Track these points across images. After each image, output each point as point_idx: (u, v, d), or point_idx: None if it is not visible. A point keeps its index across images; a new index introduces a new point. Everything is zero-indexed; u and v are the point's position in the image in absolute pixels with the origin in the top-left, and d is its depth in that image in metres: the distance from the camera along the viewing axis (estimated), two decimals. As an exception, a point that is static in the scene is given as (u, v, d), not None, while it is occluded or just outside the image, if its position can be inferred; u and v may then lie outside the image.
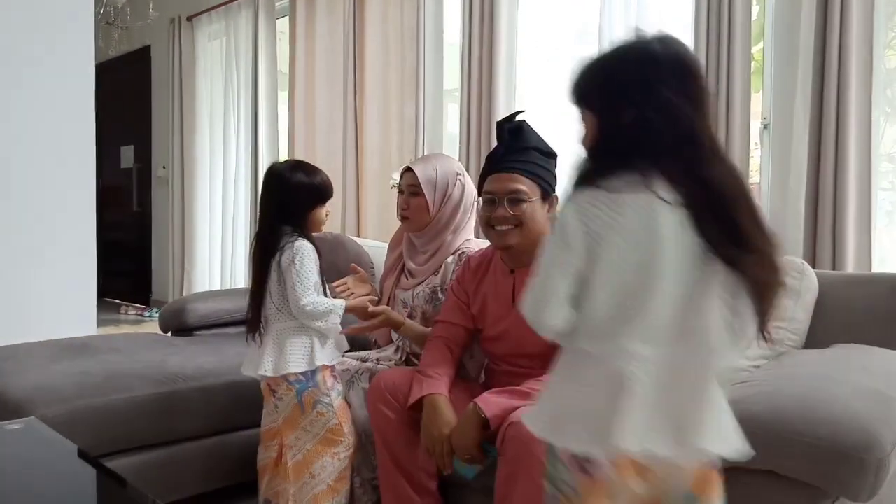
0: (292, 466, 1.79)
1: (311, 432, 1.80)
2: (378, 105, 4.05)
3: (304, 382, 1.78)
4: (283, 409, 1.81)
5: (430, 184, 2.00)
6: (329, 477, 1.79)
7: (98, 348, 2.39)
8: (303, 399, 1.78)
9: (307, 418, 1.79)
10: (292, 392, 1.78)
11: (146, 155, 6.26)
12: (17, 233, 3.23)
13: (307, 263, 1.76)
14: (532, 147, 1.70)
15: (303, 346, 1.78)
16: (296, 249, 1.76)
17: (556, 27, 3.49)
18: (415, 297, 2.04)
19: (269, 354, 1.77)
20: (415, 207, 2.00)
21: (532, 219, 1.68)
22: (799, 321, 1.85)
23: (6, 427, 1.63)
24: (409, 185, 2.02)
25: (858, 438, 1.21)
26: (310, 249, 1.79)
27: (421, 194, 1.99)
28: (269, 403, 1.84)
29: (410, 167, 2.03)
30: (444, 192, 2.01)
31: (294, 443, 1.80)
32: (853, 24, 2.38)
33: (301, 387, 1.78)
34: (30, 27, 3.25)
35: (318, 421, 1.80)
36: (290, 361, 1.75)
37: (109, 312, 5.84)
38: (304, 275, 1.75)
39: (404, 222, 2.05)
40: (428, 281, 2.03)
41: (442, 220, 2.02)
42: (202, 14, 5.47)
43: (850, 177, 2.40)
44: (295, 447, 1.80)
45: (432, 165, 2.04)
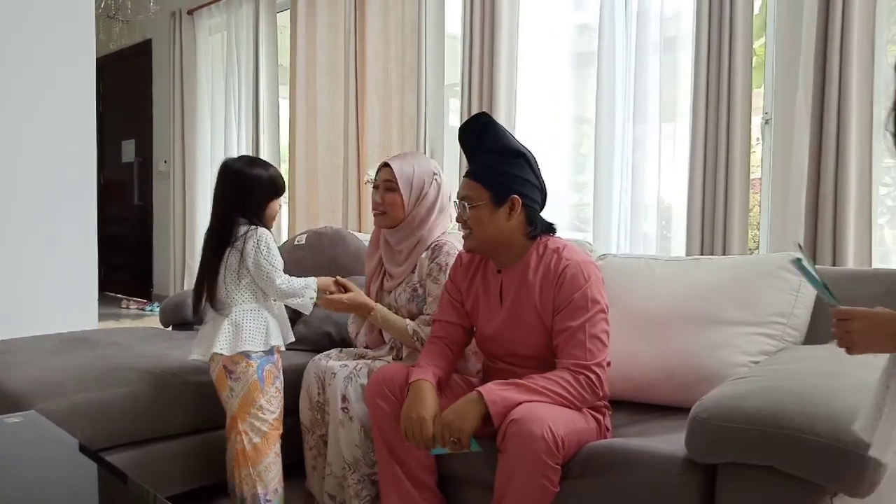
0: (251, 450, 1.87)
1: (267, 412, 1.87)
2: (379, 99, 4.04)
3: (264, 358, 1.88)
4: (239, 391, 1.87)
5: (407, 181, 2.00)
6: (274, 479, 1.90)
7: (98, 342, 2.39)
8: (264, 374, 1.87)
9: (266, 394, 1.87)
10: (253, 367, 1.86)
11: (147, 149, 6.26)
12: (18, 227, 3.23)
13: (273, 248, 1.88)
14: (490, 149, 1.69)
15: (259, 326, 1.87)
16: (259, 236, 1.86)
17: (557, 21, 3.48)
18: (397, 299, 2.04)
19: (224, 335, 1.84)
20: (389, 203, 2.00)
21: (479, 223, 1.68)
22: (799, 317, 1.85)
23: (6, 420, 1.64)
24: (385, 180, 2.01)
25: (858, 435, 1.20)
26: (271, 237, 1.89)
27: (396, 190, 1.98)
28: (225, 390, 1.89)
29: (388, 163, 2.03)
30: (419, 190, 2.01)
31: (249, 428, 1.87)
32: (855, 19, 2.37)
33: (263, 361, 1.87)
34: (30, 21, 3.25)
35: (276, 398, 1.89)
36: (247, 340, 1.84)
37: (110, 306, 5.85)
38: (273, 258, 1.87)
39: (378, 217, 2.04)
40: (406, 280, 2.03)
41: (416, 218, 2.01)
42: (203, 8, 5.46)
43: (851, 172, 2.39)
44: (251, 431, 1.87)
45: (409, 163, 2.03)
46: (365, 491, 1.84)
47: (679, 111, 2.96)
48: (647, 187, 3.06)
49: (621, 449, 1.51)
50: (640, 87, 3.03)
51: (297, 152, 4.52)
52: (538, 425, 1.44)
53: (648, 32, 3.01)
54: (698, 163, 2.73)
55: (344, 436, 1.85)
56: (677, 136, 2.98)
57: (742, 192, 2.66)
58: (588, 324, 1.60)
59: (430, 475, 1.74)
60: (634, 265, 2.12)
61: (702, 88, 2.71)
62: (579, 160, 3.54)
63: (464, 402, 1.55)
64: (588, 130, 3.33)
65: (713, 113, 2.69)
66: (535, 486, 1.46)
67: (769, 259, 1.95)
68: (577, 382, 1.57)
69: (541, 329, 1.69)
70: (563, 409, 1.54)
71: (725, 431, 1.31)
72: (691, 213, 2.75)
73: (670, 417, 1.81)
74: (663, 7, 2.99)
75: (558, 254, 1.68)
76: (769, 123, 2.77)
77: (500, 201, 1.66)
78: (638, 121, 3.06)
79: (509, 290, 1.73)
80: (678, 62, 2.96)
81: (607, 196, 3.12)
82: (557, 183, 3.38)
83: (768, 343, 1.82)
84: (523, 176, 1.68)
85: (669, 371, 1.87)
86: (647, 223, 3.10)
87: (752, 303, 1.85)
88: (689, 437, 1.38)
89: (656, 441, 1.56)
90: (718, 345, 1.83)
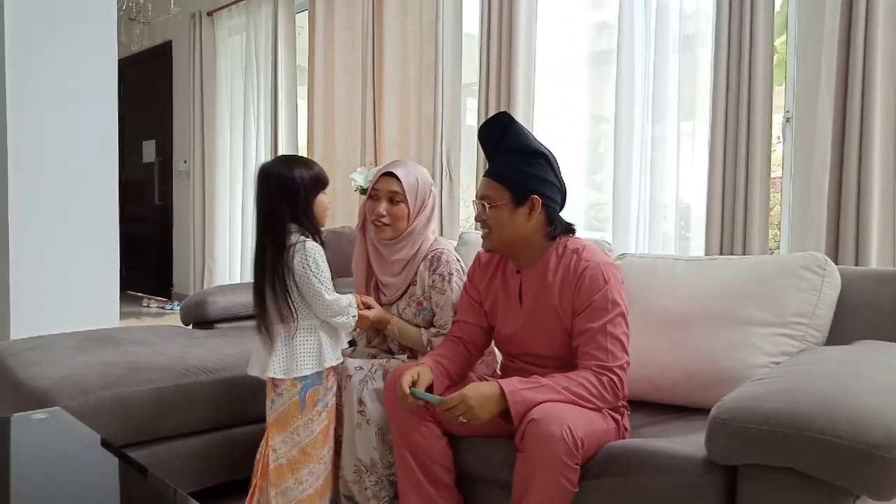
0: (274, 470, 1.78)
1: (302, 435, 1.79)
2: (396, 99, 4.05)
3: (310, 380, 1.79)
4: (278, 407, 1.80)
5: (413, 191, 1.95)
6: (316, 481, 1.81)
7: (121, 340, 2.42)
8: (306, 396, 1.78)
9: (305, 417, 1.79)
10: (296, 388, 1.78)
11: (167, 149, 6.33)
12: (41, 227, 3.29)
13: (321, 263, 1.77)
14: (510, 149, 1.67)
15: (311, 347, 1.78)
16: (307, 251, 1.75)
17: (575, 19, 3.46)
18: (402, 314, 2.01)
19: (279, 356, 1.77)
20: (395, 215, 1.93)
21: (499, 223, 1.67)
22: (821, 317, 1.83)
23: (32, 416, 1.67)
24: (391, 191, 1.93)
25: (881, 436, 1.19)
26: (319, 250, 1.78)
27: (404, 201, 1.93)
28: (269, 398, 1.83)
29: (392, 172, 1.94)
30: (422, 201, 1.97)
31: (280, 445, 1.79)
32: (879, 15, 2.33)
33: (307, 384, 1.79)
34: (53, 23, 3.30)
35: (315, 420, 1.80)
36: (300, 364, 1.76)
37: (132, 305, 5.92)
38: (322, 275, 1.76)
39: (381, 229, 1.95)
40: (409, 294, 2.00)
41: (416, 229, 1.97)
42: (222, 9, 5.51)
43: (875, 171, 2.36)
44: (279, 451, 1.79)
45: (412, 173, 1.97)
46: (383, 492, 1.85)
47: (699, 109, 2.93)
48: (667, 186, 3.04)
49: (640, 449, 1.50)
50: (660, 85, 3.01)
51: (314, 152, 4.54)
52: (557, 425, 1.44)
53: (668, 30, 2.99)
54: (718, 162, 2.70)
55: (360, 438, 1.85)
56: (697, 134, 2.95)
57: (762, 191, 2.63)
58: (609, 325, 1.60)
59: (448, 474, 1.74)
60: (653, 265, 2.11)
61: (722, 86, 2.69)
62: (597, 159, 3.52)
63: (488, 394, 1.53)
64: (607, 129, 3.31)
65: (733, 111, 2.67)
66: (555, 487, 1.45)
67: (790, 259, 1.93)
68: (600, 384, 1.57)
69: (560, 330, 1.68)
70: (582, 410, 1.54)
71: (745, 433, 1.30)
72: (711, 212, 2.73)
73: (689, 418, 1.80)
74: (683, 4, 2.96)
75: (578, 255, 1.68)
76: (790, 121, 2.74)
77: (521, 201, 1.66)
78: (657, 119, 3.04)
79: (529, 291, 1.73)
80: (698, 60, 2.93)
81: (626, 195, 3.10)
82: (576, 182, 3.37)
83: (789, 344, 1.80)
84: (543, 176, 1.67)
85: (689, 372, 1.86)
86: (665, 222, 3.08)
87: (773, 303, 1.83)
88: (709, 438, 1.37)
89: (676, 442, 1.55)
90: (739, 345, 1.82)
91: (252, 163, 5.28)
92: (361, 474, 1.86)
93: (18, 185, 3.23)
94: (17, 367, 2.12)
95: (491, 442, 1.71)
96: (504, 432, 1.66)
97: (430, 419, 1.73)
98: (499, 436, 1.69)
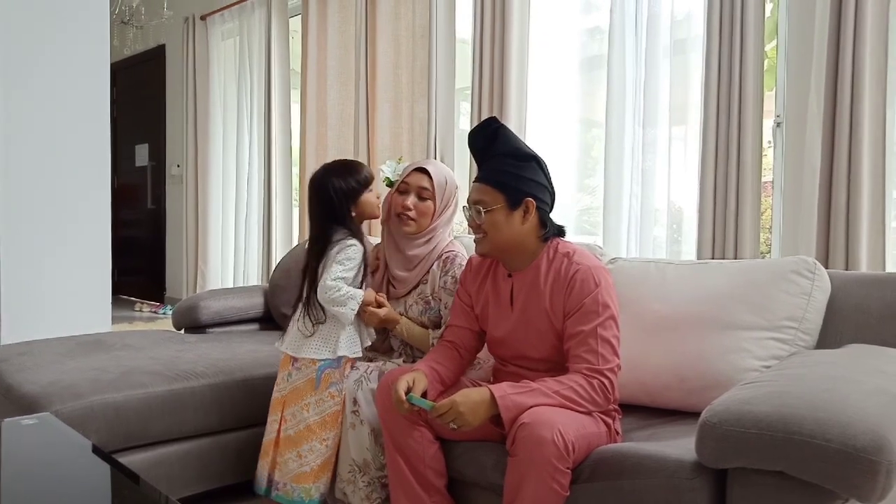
0: (284, 439, 1.88)
1: (311, 412, 1.87)
2: (389, 103, 4.06)
3: (329, 362, 1.88)
4: (295, 380, 1.90)
5: (441, 190, 1.99)
6: (314, 461, 1.87)
7: (112, 345, 2.42)
8: (321, 376, 1.88)
9: (317, 395, 1.87)
10: (314, 366, 1.88)
11: (160, 153, 6.32)
12: (33, 230, 3.27)
13: (352, 257, 1.89)
14: (501, 153, 1.68)
15: (331, 334, 1.89)
16: (346, 245, 1.89)
17: (567, 25, 3.48)
18: (408, 310, 2.02)
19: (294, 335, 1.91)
20: (421, 211, 1.98)
21: (494, 227, 1.67)
22: (811, 321, 1.84)
23: (21, 422, 1.66)
24: (420, 187, 1.98)
25: (869, 440, 1.19)
26: (357, 249, 1.90)
27: (432, 199, 1.97)
28: (284, 372, 1.92)
29: (425, 168, 2.00)
30: (447, 202, 2.01)
31: (291, 416, 1.88)
32: (868, 21, 2.35)
33: (325, 364, 1.88)
34: (46, 27, 3.29)
35: (326, 402, 1.88)
36: (313, 346, 1.88)
37: (124, 309, 5.90)
38: (344, 263, 1.88)
39: (406, 223, 1.98)
40: (419, 291, 2.02)
41: (437, 228, 2.01)
42: (216, 13, 5.51)
43: (864, 176, 2.38)
44: (289, 422, 1.88)
45: (443, 173, 2.02)
46: (375, 494, 1.85)
47: (690, 114, 2.95)
48: (658, 191, 3.06)
49: (631, 453, 1.51)
50: (651, 90, 3.03)
51: (307, 156, 4.54)
52: (548, 429, 1.44)
53: (659, 35, 3.01)
54: (709, 166, 2.72)
55: (354, 439, 1.86)
56: (688, 139, 2.97)
57: (754, 195, 2.65)
58: (600, 328, 1.60)
59: (439, 478, 1.74)
60: (645, 269, 2.11)
61: (713, 91, 2.70)
62: (590, 163, 3.54)
63: (478, 400, 1.53)
64: (598, 134, 3.33)
65: (724, 116, 2.68)
66: (545, 490, 1.46)
67: (780, 263, 1.94)
68: (591, 387, 1.57)
69: (551, 333, 1.69)
70: (573, 414, 1.54)
71: (735, 436, 1.30)
72: (702, 216, 2.74)
73: (680, 422, 1.81)
74: (674, 10, 2.98)
75: (569, 258, 1.68)
76: (781, 126, 2.76)
77: (515, 205, 1.66)
78: (648, 124, 3.05)
79: (520, 294, 1.74)
80: (689, 65, 2.95)
81: (617, 200, 3.11)
82: (567, 186, 3.38)
83: (780, 347, 1.81)
84: (536, 179, 1.68)
85: (680, 375, 1.87)
86: (657, 227, 3.09)
87: (764, 307, 1.84)
88: (699, 441, 1.37)
89: (666, 445, 1.55)
90: (730, 349, 1.82)
91: (245, 168, 5.27)
92: (354, 475, 1.86)
93: (10, 188, 3.22)
94: (8, 372, 2.11)
95: (482, 446, 1.71)
96: (495, 437, 1.66)
97: (423, 424, 1.73)
98: (490, 440, 1.69)
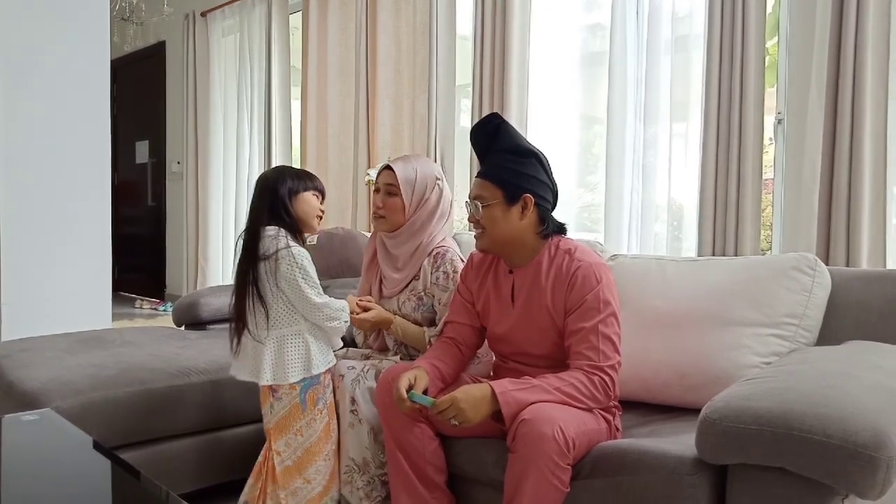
0: (281, 472, 1.79)
1: (305, 436, 1.80)
2: (390, 100, 4.06)
3: (308, 380, 1.80)
4: (279, 410, 1.81)
5: (409, 184, 1.96)
6: (324, 479, 1.83)
7: (113, 341, 2.42)
8: (306, 397, 1.80)
9: (307, 417, 1.80)
10: (295, 391, 1.79)
11: (161, 150, 6.31)
12: (33, 227, 3.27)
13: (309, 269, 1.77)
14: (502, 149, 1.69)
15: (299, 353, 1.79)
16: (295, 257, 1.75)
17: (568, 21, 3.47)
18: (401, 307, 2.02)
19: (268, 361, 1.77)
20: (390, 207, 1.97)
21: (492, 222, 1.68)
22: (811, 318, 1.84)
23: (22, 418, 1.66)
24: (386, 183, 1.97)
25: (869, 436, 1.19)
26: (306, 255, 1.79)
27: (398, 194, 1.95)
28: (266, 405, 1.84)
29: (390, 165, 1.99)
30: (421, 194, 1.98)
31: (283, 448, 1.80)
32: (869, 17, 2.35)
33: (306, 384, 1.80)
34: (46, 24, 3.29)
35: (317, 419, 1.81)
36: (289, 371, 1.77)
37: (124, 306, 5.90)
38: (311, 280, 1.77)
39: (377, 221, 2.00)
40: (411, 287, 2.01)
41: (416, 223, 1.98)
42: (216, 10, 5.50)
43: (865, 172, 2.37)
44: (284, 453, 1.80)
45: (412, 166, 1.99)
46: (375, 492, 1.85)
47: (691, 111, 2.95)
48: (659, 188, 3.05)
49: (631, 449, 1.51)
50: (652, 86, 3.02)
51: (308, 153, 4.54)
52: (549, 426, 1.44)
53: (660, 32, 3.01)
54: (710, 163, 2.72)
55: (353, 438, 1.85)
56: (689, 136, 2.97)
57: (754, 192, 2.64)
58: (601, 325, 1.61)
59: (439, 474, 1.74)
60: (646, 266, 2.11)
61: (714, 88, 2.70)
62: (591, 160, 3.53)
63: (479, 396, 1.53)
64: (600, 130, 3.32)
65: (725, 113, 2.68)
66: (546, 487, 1.46)
67: (781, 260, 1.94)
68: (592, 384, 1.57)
69: (552, 330, 1.69)
70: (573, 410, 1.54)
71: (735, 432, 1.30)
72: (703, 213, 2.74)
73: (681, 418, 1.81)
74: (675, 6, 2.98)
75: (570, 255, 1.68)
76: (782, 123, 2.76)
77: (513, 200, 1.66)
78: (649, 121, 3.05)
79: (521, 291, 1.74)
80: (690, 62, 2.95)
81: (618, 196, 3.11)
82: (568, 183, 3.38)
83: (780, 344, 1.81)
84: (535, 175, 1.68)
85: (681, 372, 1.87)
86: (658, 224, 3.09)
87: (765, 303, 1.84)
88: (699, 437, 1.37)
89: (666, 442, 1.55)
90: (730, 346, 1.82)
91: (245, 164, 5.27)
92: (353, 474, 1.86)
93: (10, 185, 3.22)
94: (8, 368, 2.11)
95: (483, 443, 1.71)
96: (496, 433, 1.66)
97: (423, 420, 1.73)
98: (491, 436, 1.70)
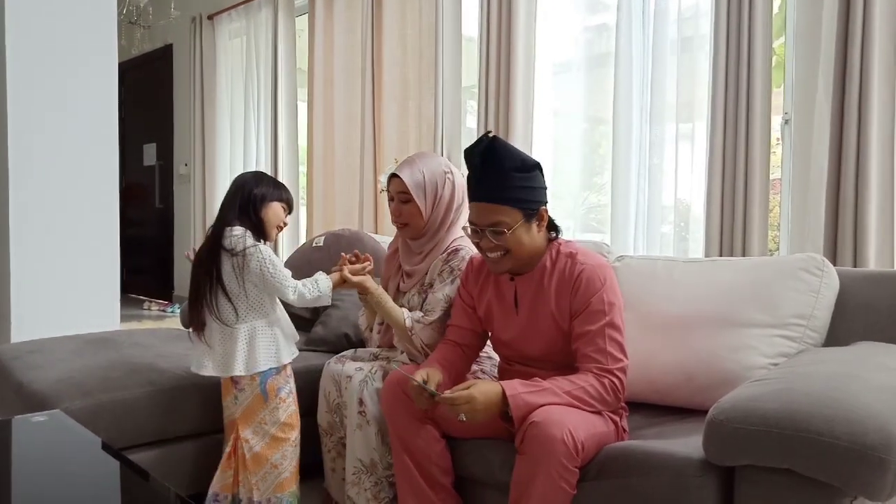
0: (251, 459, 1.87)
1: (269, 423, 1.88)
2: (396, 102, 4.06)
3: (266, 372, 1.88)
4: (243, 401, 1.89)
5: (420, 188, 1.96)
6: (290, 464, 1.91)
7: (121, 343, 2.43)
8: (267, 387, 1.88)
9: (269, 406, 1.89)
10: (255, 382, 1.87)
11: (168, 152, 6.34)
12: (41, 229, 3.29)
13: (277, 263, 1.86)
14: (506, 169, 1.62)
15: (270, 345, 1.88)
16: (263, 255, 1.84)
17: (574, 22, 3.47)
18: (410, 300, 2.03)
19: (241, 355, 1.84)
20: (408, 214, 1.97)
21: (518, 244, 1.65)
22: (819, 318, 1.83)
23: (32, 419, 1.67)
24: (398, 192, 1.97)
25: (878, 438, 1.19)
26: (269, 250, 1.88)
27: (412, 201, 1.95)
28: (229, 396, 1.91)
29: (397, 174, 1.98)
30: (434, 194, 1.98)
31: (251, 437, 1.88)
32: (876, 17, 2.34)
33: (265, 375, 1.88)
34: (54, 27, 3.30)
35: (280, 408, 1.89)
36: (261, 360, 1.86)
37: (132, 308, 5.92)
38: (280, 274, 1.85)
39: (402, 229, 2.01)
40: (420, 281, 2.02)
41: (436, 221, 1.99)
42: (223, 13, 5.52)
43: (873, 172, 2.36)
44: (252, 440, 1.88)
45: (419, 168, 1.98)
46: (382, 493, 1.85)
47: (697, 112, 2.94)
48: (665, 188, 3.05)
49: (639, 451, 1.51)
50: (658, 87, 3.02)
51: (314, 155, 4.55)
52: (558, 429, 1.44)
53: (666, 32, 3.00)
54: (717, 164, 2.71)
55: (360, 438, 1.86)
56: (695, 136, 2.96)
57: (762, 192, 2.64)
58: (608, 328, 1.61)
59: (446, 476, 1.75)
60: (653, 267, 2.11)
61: (720, 88, 2.69)
62: (597, 161, 3.53)
63: (492, 396, 1.53)
64: (606, 131, 3.32)
65: (732, 113, 2.67)
66: (553, 489, 1.46)
67: (788, 260, 1.93)
68: (602, 386, 1.57)
69: (557, 334, 1.69)
70: (583, 413, 1.54)
71: (743, 434, 1.30)
72: (710, 214, 2.73)
73: (688, 420, 1.80)
74: (681, 7, 2.98)
75: (572, 258, 1.68)
76: (789, 123, 2.75)
77: (531, 217, 1.65)
78: (655, 121, 3.04)
79: (525, 297, 1.73)
80: (697, 62, 2.94)
81: (625, 197, 3.11)
82: (574, 184, 3.38)
83: (788, 345, 1.80)
84: (542, 186, 1.68)
85: (688, 373, 1.86)
86: (664, 224, 3.08)
87: (772, 304, 1.83)
88: (707, 439, 1.37)
89: (674, 443, 1.55)
90: (737, 347, 1.82)
91: (252, 166, 5.28)
92: (361, 475, 1.86)
93: (19, 187, 3.24)
94: (18, 369, 2.12)
95: (490, 444, 1.72)
96: (502, 434, 1.66)
97: (429, 422, 1.73)
98: (497, 438, 1.70)
